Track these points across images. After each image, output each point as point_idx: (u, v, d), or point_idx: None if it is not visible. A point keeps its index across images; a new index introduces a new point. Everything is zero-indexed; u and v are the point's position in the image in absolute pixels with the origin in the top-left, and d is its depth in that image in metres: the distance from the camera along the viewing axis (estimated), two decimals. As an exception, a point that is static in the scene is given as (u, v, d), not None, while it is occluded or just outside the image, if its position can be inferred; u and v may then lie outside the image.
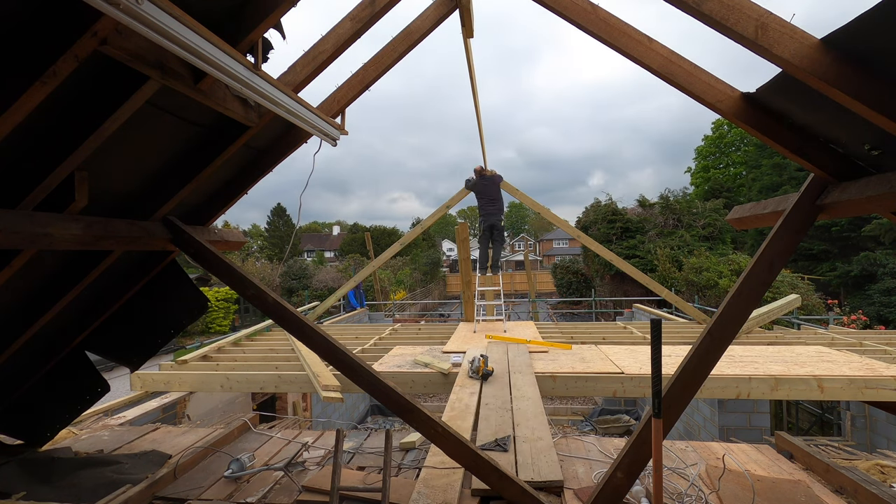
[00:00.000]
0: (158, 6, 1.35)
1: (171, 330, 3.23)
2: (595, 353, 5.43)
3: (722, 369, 4.54)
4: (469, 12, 3.70)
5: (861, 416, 6.93)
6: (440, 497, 2.56)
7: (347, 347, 2.61)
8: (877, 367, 4.62)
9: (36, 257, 2.28)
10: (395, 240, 24.66)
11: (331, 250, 53.99)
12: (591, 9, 2.13)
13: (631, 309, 13.66)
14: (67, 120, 1.82)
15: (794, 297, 7.63)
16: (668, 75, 2.07)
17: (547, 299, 22.04)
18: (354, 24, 2.70)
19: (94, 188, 2.10)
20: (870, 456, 3.64)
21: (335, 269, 30.98)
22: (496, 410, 3.57)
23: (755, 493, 2.69)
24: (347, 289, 9.71)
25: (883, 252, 19.47)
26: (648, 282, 8.32)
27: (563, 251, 52.09)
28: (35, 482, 2.96)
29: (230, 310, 21.22)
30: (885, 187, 1.70)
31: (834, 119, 1.79)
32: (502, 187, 8.65)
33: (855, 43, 1.41)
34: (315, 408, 8.56)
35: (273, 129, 2.87)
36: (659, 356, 1.91)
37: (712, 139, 35.30)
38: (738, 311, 2.15)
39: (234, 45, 1.91)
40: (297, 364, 5.29)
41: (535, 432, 3.13)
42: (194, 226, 2.89)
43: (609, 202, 23.80)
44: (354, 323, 11.13)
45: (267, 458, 3.44)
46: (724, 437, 6.47)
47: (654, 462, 1.96)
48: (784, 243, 2.10)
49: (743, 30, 1.56)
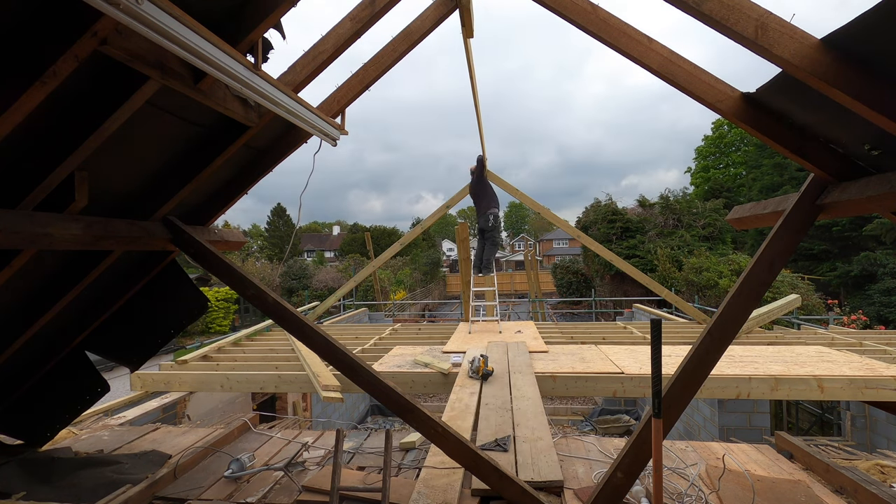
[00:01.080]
0: (158, 6, 1.35)
1: (171, 330, 3.23)
2: (595, 353, 5.43)
3: (722, 369, 4.53)
4: (469, 12, 3.70)
5: (861, 416, 6.93)
6: (440, 497, 2.56)
7: (347, 347, 2.61)
8: (877, 367, 4.62)
9: (36, 257, 2.28)
10: (395, 240, 24.66)
11: (331, 250, 54.00)
12: (591, 9, 2.13)
13: (631, 309, 13.67)
14: (67, 120, 1.82)
15: (794, 297, 7.63)
16: (668, 75, 2.07)
17: (547, 299, 22.02)
18: (354, 24, 2.70)
19: (94, 188, 2.10)
20: (870, 456, 3.64)
21: (335, 269, 31.00)
22: (496, 410, 3.56)
23: (755, 493, 2.69)
24: (348, 289, 9.70)
25: (883, 252, 19.47)
26: (648, 282, 8.32)
27: (563, 251, 52.08)
28: (35, 482, 2.96)
29: (230, 310, 21.24)
30: (885, 187, 1.70)
31: (834, 119, 1.79)
32: (493, 181, 8.23)
33: (855, 43, 1.40)
34: (315, 408, 8.56)
35: (273, 129, 2.87)
36: (659, 356, 1.91)
37: (712, 139, 35.31)
38: (738, 311, 2.15)
39: (234, 45, 1.91)
40: (297, 364, 5.29)
41: (535, 432, 3.13)
42: (194, 226, 2.89)
43: (609, 202, 23.80)
44: (354, 323, 11.13)
45: (267, 458, 3.44)
46: (724, 437, 6.47)
47: (654, 462, 1.96)
48: (784, 243, 2.10)
49: (743, 30, 1.56)
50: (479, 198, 8.28)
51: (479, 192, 8.25)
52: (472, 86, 5.68)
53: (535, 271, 20.08)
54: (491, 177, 8.59)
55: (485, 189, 8.23)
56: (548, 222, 20.38)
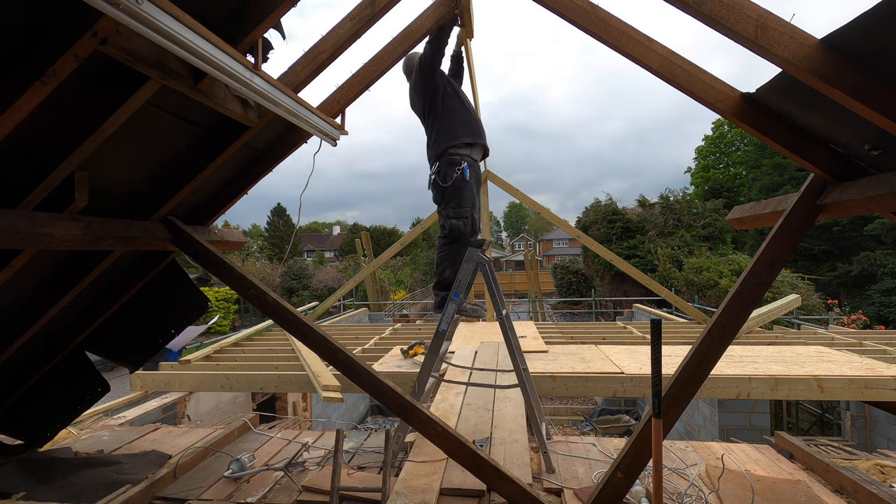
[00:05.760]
0: (158, 6, 1.35)
1: (171, 330, 3.22)
2: (595, 353, 5.43)
3: (722, 369, 4.53)
4: (469, 12, 3.69)
5: (861, 416, 6.93)
6: (418, 498, 2.52)
7: (347, 347, 2.61)
8: (877, 367, 4.62)
9: (36, 257, 2.28)
10: (395, 240, 24.66)
11: (331, 250, 54.02)
12: (591, 9, 2.13)
13: (631, 309, 13.67)
14: (67, 120, 1.82)
15: (795, 297, 7.64)
16: (667, 75, 2.07)
17: (547, 299, 22.03)
18: (354, 25, 2.70)
19: (94, 188, 2.10)
20: (870, 456, 3.64)
21: (335, 269, 31.02)
22: (477, 411, 3.56)
23: (755, 493, 2.69)
24: (347, 289, 9.70)
25: (883, 252, 19.48)
26: (648, 282, 8.32)
27: (563, 251, 52.08)
28: (35, 482, 2.96)
29: (230, 310, 21.24)
30: (886, 187, 1.70)
31: (834, 119, 1.79)
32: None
33: (855, 43, 1.40)
34: (315, 408, 8.56)
35: (273, 129, 2.87)
36: (659, 356, 1.91)
37: (712, 139, 35.31)
38: (738, 311, 2.14)
39: (234, 45, 1.91)
40: (297, 364, 5.29)
41: (511, 434, 3.12)
42: (194, 226, 2.89)
43: (609, 202, 23.82)
44: (354, 323, 11.13)
45: (267, 458, 3.44)
46: (724, 437, 6.48)
47: (654, 462, 1.96)
48: (784, 243, 2.10)
49: (743, 30, 1.56)
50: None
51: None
52: (472, 86, 5.68)
53: (535, 271, 20.07)
54: (491, 177, 8.58)
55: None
56: (548, 222, 20.36)
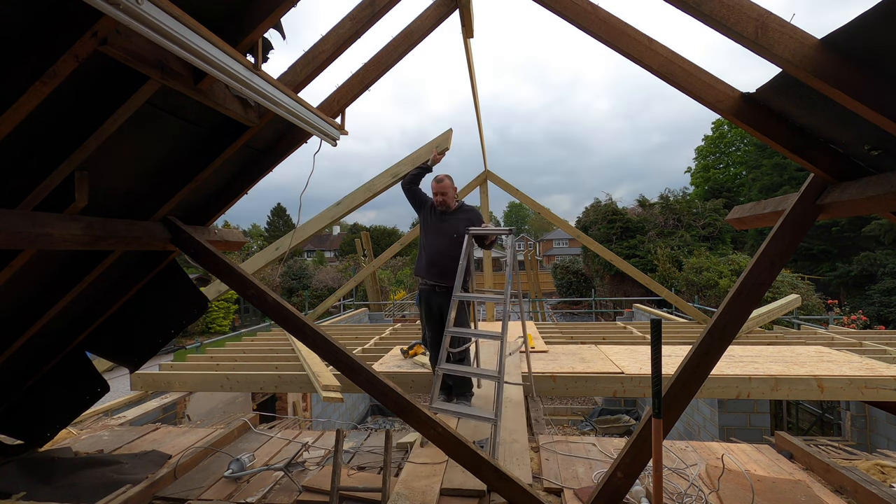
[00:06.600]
0: (158, 6, 1.35)
1: (171, 330, 3.22)
2: (595, 353, 5.43)
3: (722, 369, 4.54)
4: (469, 12, 3.69)
5: (861, 416, 6.93)
6: (419, 498, 2.53)
7: (347, 347, 2.61)
8: (877, 367, 4.63)
9: (36, 257, 2.28)
10: (395, 240, 24.65)
11: (331, 250, 53.97)
12: (592, 9, 2.13)
13: (631, 309, 13.67)
14: (67, 120, 1.82)
15: (794, 297, 7.64)
16: (668, 75, 2.07)
17: (547, 299, 22.03)
18: (354, 25, 2.69)
19: (94, 188, 2.10)
20: (870, 456, 3.64)
21: (335, 269, 31.02)
22: None
23: (755, 492, 2.69)
24: (347, 289, 9.71)
25: (883, 252, 19.47)
26: (648, 282, 8.32)
27: (564, 251, 52.08)
28: (35, 482, 2.96)
29: (230, 310, 21.25)
30: (886, 187, 1.70)
31: (834, 119, 1.79)
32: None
33: (855, 43, 1.40)
34: (315, 408, 8.56)
35: (273, 129, 2.87)
36: (659, 356, 1.91)
37: (712, 139, 35.27)
38: (738, 311, 2.14)
39: (234, 45, 1.91)
40: (297, 364, 5.29)
41: (511, 434, 3.12)
42: (194, 226, 2.89)
43: (609, 202, 23.81)
44: (354, 323, 11.13)
45: (267, 458, 3.44)
46: (724, 437, 6.47)
47: (654, 462, 1.96)
48: (784, 243, 2.10)
49: (743, 30, 1.56)
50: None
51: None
52: (472, 86, 5.68)
53: (536, 271, 20.07)
54: (491, 177, 8.58)
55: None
56: (548, 222, 20.36)
